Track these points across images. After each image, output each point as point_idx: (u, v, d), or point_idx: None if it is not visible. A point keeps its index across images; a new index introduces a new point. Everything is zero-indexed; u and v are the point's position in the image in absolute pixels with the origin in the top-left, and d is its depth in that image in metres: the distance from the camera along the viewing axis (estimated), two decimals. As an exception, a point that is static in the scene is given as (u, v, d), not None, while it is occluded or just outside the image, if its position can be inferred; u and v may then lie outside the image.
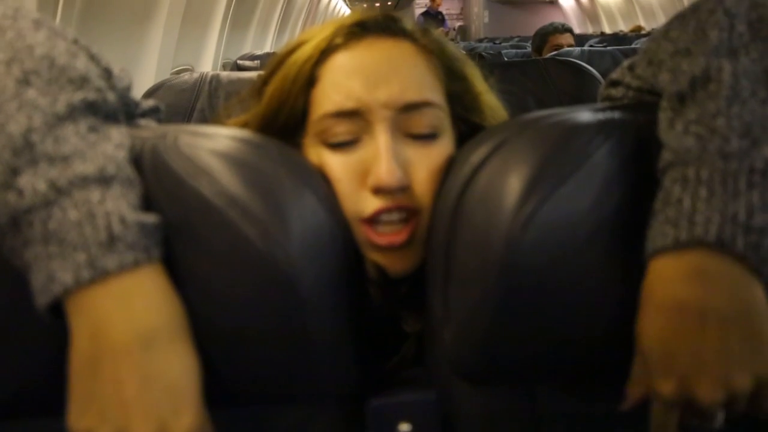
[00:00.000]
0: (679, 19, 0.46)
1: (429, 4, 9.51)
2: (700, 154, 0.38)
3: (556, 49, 2.63)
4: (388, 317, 0.59)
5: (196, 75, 1.26)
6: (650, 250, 0.38)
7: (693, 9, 0.45)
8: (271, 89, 0.57)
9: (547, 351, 0.43)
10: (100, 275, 0.36)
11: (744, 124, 0.38)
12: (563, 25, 2.79)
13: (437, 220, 0.48)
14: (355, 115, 0.53)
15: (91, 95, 0.40)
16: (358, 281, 0.49)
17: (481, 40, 7.00)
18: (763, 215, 0.36)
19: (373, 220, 0.52)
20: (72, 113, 0.39)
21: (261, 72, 0.61)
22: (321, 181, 0.48)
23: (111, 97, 0.42)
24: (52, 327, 0.38)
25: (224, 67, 2.95)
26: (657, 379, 0.38)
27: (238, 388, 0.43)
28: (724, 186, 0.37)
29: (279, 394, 0.45)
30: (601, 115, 0.44)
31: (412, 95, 0.53)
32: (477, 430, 0.47)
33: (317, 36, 0.56)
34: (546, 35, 2.76)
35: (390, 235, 0.52)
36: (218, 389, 0.39)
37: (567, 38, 2.73)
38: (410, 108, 0.53)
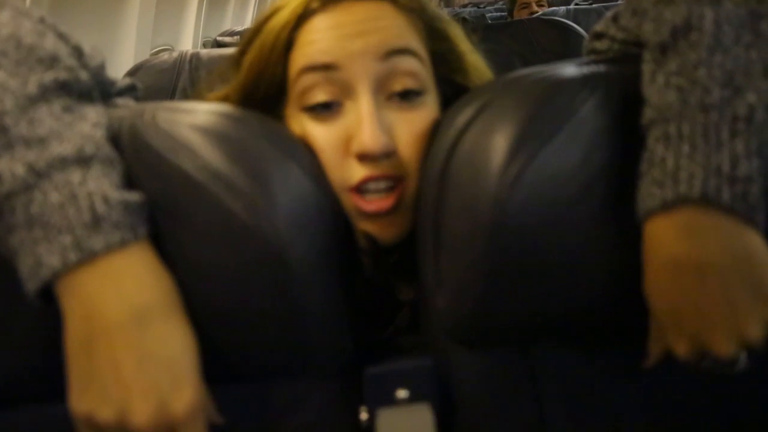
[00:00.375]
0: None
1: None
2: (681, 108, 0.37)
3: (524, 8, 2.67)
4: (382, 287, 0.59)
5: (175, 54, 1.24)
6: (642, 213, 0.38)
7: None
8: (249, 59, 0.55)
9: (540, 311, 0.43)
10: (88, 256, 0.36)
11: (726, 73, 0.37)
12: None
13: (425, 186, 0.47)
14: (332, 70, 0.51)
15: (63, 75, 0.39)
16: (348, 251, 0.49)
17: (465, 6, 6.89)
18: (749, 163, 0.36)
19: (360, 189, 0.51)
20: (44, 94, 0.38)
21: None
22: (305, 151, 0.47)
23: (83, 75, 0.41)
24: (46, 312, 0.38)
25: (205, 45, 2.89)
26: (671, 340, 0.39)
27: (233, 364, 0.43)
28: (706, 139, 0.36)
29: (275, 368, 0.45)
30: (585, 70, 0.43)
31: (392, 42, 0.51)
32: (474, 394, 0.47)
33: (293, 1, 0.55)
34: None
35: (377, 200, 0.51)
36: (213, 366, 0.39)
37: None
38: (391, 55, 0.51)
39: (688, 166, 0.36)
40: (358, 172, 0.51)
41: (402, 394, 0.46)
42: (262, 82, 0.54)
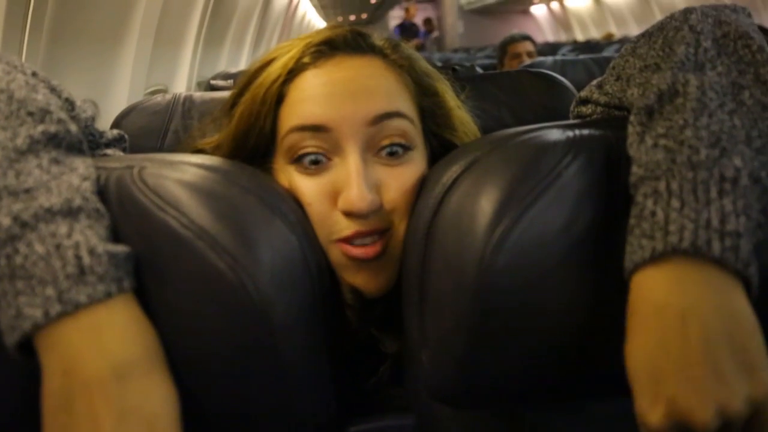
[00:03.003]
0: (647, 37, 0.47)
1: (404, 16, 9.56)
2: (670, 166, 0.38)
3: (515, 57, 2.76)
4: (366, 340, 0.59)
5: (168, 96, 1.25)
6: (629, 267, 0.38)
7: (660, 27, 0.46)
8: (240, 110, 0.56)
9: (524, 373, 0.43)
10: (71, 309, 0.35)
11: (712, 134, 0.38)
12: (521, 35, 2.90)
13: (410, 243, 0.47)
14: (321, 130, 0.51)
15: (53, 127, 0.40)
16: (333, 307, 0.49)
17: (456, 51, 7.08)
18: (737, 220, 0.36)
19: (346, 240, 0.52)
20: (33, 146, 0.38)
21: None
22: (292, 205, 0.48)
23: (73, 128, 0.42)
24: (25, 365, 0.37)
25: (199, 86, 2.93)
26: (644, 406, 0.36)
27: (214, 420, 0.42)
28: (695, 195, 0.37)
29: (257, 425, 0.44)
30: (570, 133, 0.44)
31: (381, 107, 0.52)
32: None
33: (285, 54, 0.55)
34: (505, 45, 2.87)
35: (364, 248, 0.51)
36: (194, 421, 0.39)
37: (525, 46, 2.83)
38: (380, 119, 0.52)
39: (677, 219, 0.36)
40: (346, 228, 0.51)
41: None
42: (252, 134, 0.55)
